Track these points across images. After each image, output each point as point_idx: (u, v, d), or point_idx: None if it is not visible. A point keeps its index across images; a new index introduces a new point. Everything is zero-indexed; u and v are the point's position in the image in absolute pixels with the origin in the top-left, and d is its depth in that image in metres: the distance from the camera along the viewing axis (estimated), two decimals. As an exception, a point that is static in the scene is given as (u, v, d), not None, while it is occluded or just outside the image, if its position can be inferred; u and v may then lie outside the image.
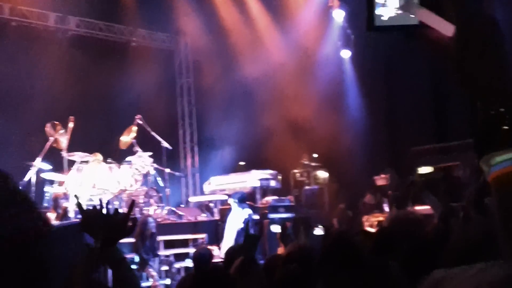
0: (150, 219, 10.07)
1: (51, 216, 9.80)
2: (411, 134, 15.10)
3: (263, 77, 14.86)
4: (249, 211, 11.13)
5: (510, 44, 1.10)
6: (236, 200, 11.20)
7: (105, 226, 2.34)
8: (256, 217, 11.80)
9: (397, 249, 3.02)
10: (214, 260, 7.74)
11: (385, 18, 1.15)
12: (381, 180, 14.41)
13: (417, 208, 11.79)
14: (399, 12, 1.14)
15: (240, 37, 15.51)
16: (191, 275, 3.31)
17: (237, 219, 10.92)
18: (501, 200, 1.05)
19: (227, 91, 15.14)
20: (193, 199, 14.75)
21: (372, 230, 11.21)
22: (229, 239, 10.64)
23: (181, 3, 15.16)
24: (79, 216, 2.51)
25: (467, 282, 0.69)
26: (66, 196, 10.85)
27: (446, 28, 1.08)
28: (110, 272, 2.30)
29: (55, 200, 10.55)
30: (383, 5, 1.14)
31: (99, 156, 12.02)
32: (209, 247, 10.01)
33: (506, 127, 1.04)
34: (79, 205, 2.54)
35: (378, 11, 1.15)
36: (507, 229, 1.02)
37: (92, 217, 2.39)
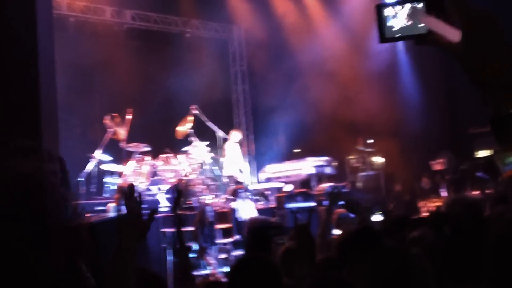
0: (208, 208, 10.23)
1: (112, 206, 10.05)
2: (469, 116, 14.81)
3: (317, 62, 14.82)
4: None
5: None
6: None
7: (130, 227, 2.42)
8: (313, 204, 11.85)
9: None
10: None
11: (396, 28, 1.22)
12: (438, 164, 14.22)
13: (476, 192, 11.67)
14: (409, 22, 1.20)
15: (292, 23, 15.51)
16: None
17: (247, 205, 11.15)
18: None
19: (281, 78, 15.18)
20: (249, 187, 14.89)
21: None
22: None
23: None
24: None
25: None
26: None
27: (453, 34, 1.14)
28: None
29: (121, 191, 10.74)
30: (394, 16, 1.21)
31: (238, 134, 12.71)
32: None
33: None
34: (129, 195, 2.55)
35: (390, 22, 1.22)
36: None
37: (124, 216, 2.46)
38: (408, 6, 1.21)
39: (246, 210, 11.03)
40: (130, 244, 2.36)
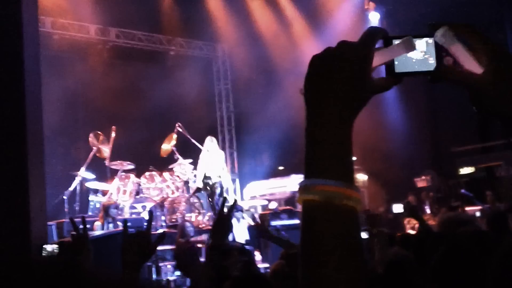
0: (188, 224, 10.11)
1: (98, 224, 9.97)
2: (452, 134, 14.94)
3: (301, 81, 14.82)
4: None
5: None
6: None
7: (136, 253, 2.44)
8: (297, 221, 11.82)
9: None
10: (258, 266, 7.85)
11: (414, 61, 1.15)
12: (421, 181, 14.31)
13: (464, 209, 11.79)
14: (425, 56, 1.15)
15: (276, 42, 15.58)
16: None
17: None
18: None
19: (265, 96, 15.22)
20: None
21: (413, 232, 11.19)
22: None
23: (217, 11, 15.34)
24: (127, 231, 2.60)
25: None
26: (116, 205, 10.89)
27: (475, 68, 1.10)
28: None
29: (105, 209, 10.63)
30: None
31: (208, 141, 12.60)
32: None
33: None
34: (125, 229, 2.63)
35: (410, 54, 1.15)
36: None
37: (129, 244, 2.48)
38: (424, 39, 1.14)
39: (239, 231, 10.94)
40: (135, 262, 2.39)
